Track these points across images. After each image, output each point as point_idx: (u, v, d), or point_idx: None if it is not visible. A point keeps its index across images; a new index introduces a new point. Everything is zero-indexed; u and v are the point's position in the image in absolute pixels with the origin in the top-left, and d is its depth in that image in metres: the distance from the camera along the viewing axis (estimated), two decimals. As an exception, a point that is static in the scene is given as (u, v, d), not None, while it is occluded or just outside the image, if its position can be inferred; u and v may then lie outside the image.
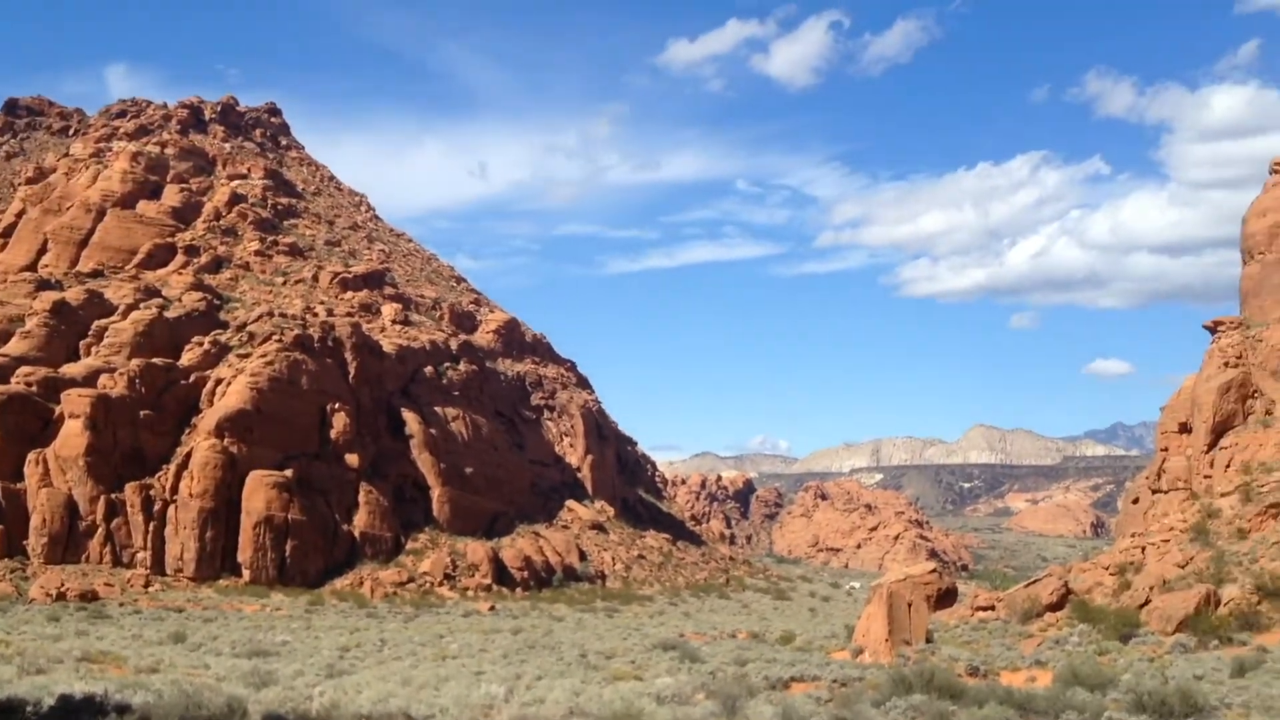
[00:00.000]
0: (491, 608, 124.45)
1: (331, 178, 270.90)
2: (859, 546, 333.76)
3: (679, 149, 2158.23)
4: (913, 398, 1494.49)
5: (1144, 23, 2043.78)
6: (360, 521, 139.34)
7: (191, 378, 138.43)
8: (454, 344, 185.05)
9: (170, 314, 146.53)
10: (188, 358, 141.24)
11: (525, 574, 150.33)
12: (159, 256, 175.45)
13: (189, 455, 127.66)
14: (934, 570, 67.95)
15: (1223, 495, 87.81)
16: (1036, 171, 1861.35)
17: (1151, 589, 73.70)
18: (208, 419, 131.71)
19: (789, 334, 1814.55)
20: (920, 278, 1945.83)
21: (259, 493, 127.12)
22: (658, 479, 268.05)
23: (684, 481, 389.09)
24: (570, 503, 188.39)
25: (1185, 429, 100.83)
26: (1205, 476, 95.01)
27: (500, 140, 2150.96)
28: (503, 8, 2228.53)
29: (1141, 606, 71.18)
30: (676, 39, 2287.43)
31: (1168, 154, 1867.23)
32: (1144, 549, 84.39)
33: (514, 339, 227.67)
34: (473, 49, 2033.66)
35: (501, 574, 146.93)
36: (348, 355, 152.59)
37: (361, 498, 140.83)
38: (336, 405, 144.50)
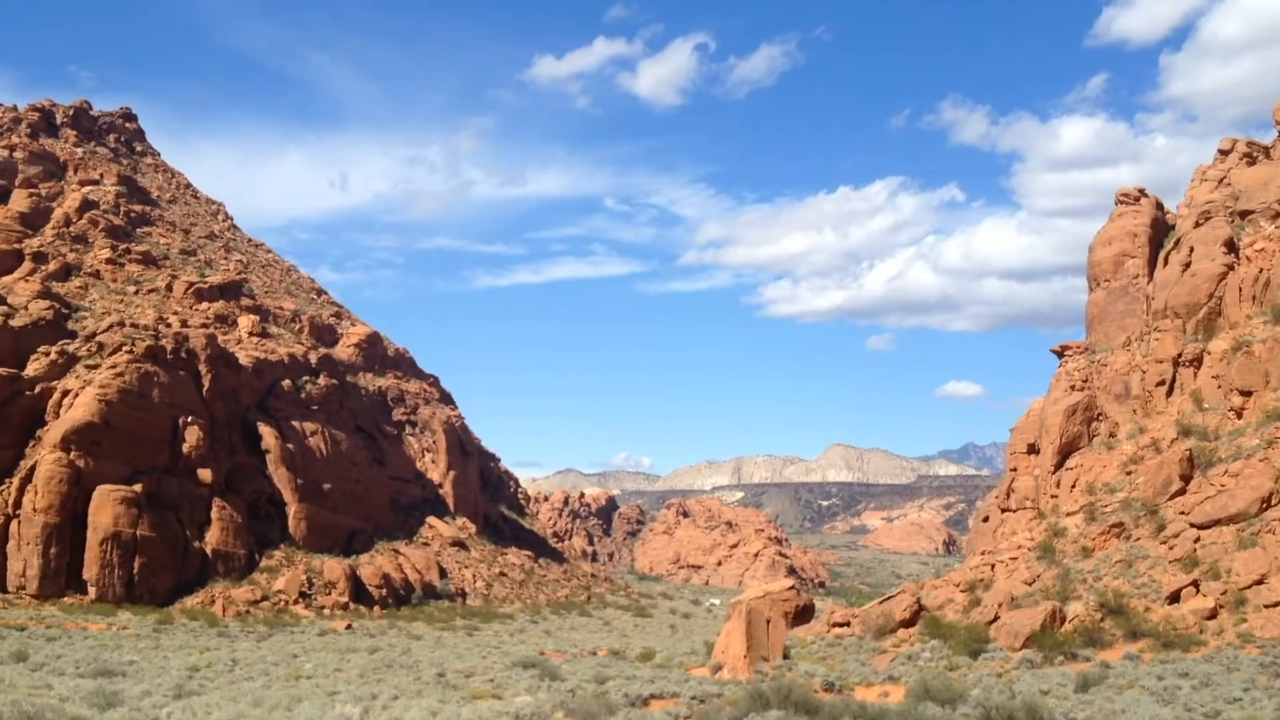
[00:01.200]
0: (348, 626, 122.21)
1: (188, 185, 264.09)
2: (720, 564, 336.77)
3: (546, 165, 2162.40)
4: (773, 416, 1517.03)
5: (997, 54, 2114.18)
6: (213, 538, 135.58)
7: (37, 389, 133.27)
8: (313, 357, 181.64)
9: (15, 323, 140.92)
10: (33, 368, 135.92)
11: (384, 592, 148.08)
12: (4, 263, 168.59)
13: (33, 469, 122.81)
14: (792, 587, 68.82)
15: (1068, 515, 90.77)
16: (894, 197, 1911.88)
17: (1000, 606, 75.74)
18: (53, 431, 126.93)
19: (654, 352, 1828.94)
20: (781, 298, 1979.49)
21: (106, 508, 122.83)
22: (520, 496, 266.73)
23: (547, 498, 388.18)
24: (431, 519, 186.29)
25: (1033, 450, 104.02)
26: (1052, 496, 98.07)
27: (364, 152, 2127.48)
28: (370, 20, 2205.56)
29: (991, 623, 73.11)
30: (544, 55, 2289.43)
31: (1019, 182, 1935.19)
32: (993, 566, 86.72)
33: (376, 353, 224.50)
34: (339, 59, 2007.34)
35: (359, 592, 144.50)
36: (202, 367, 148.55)
37: (214, 514, 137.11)
38: (189, 419, 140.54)
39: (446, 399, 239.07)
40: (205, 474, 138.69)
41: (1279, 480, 78.77)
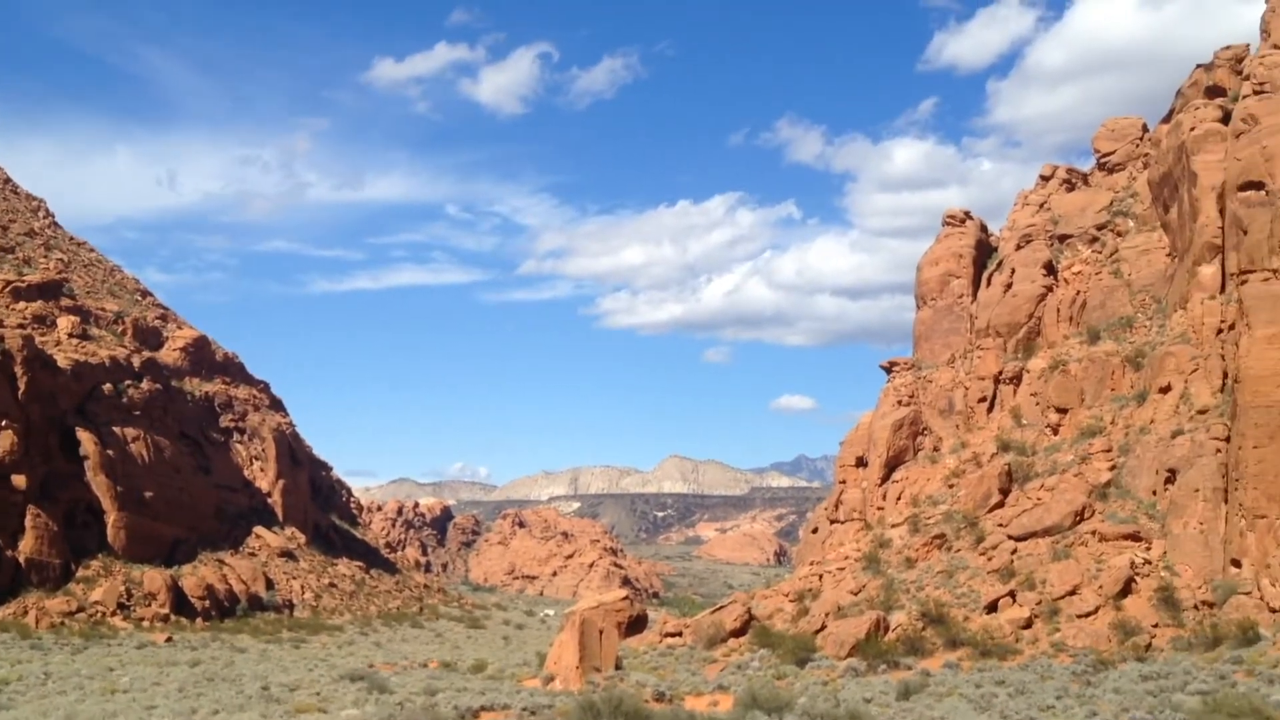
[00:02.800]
0: (169, 639, 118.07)
1: (7, 180, 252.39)
2: (555, 574, 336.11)
3: (386, 170, 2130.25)
4: (611, 427, 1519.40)
5: (832, 74, 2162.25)
6: (26, 547, 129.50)
7: None
8: (137, 361, 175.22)
9: None
10: None
11: (207, 603, 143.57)
12: None
13: None
14: (626, 597, 69.04)
15: (893, 526, 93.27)
16: (733, 212, 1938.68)
17: (827, 615, 77.34)
18: None
19: (492, 361, 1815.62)
20: (620, 309, 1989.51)
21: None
22: (353, 505, 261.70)
23: (380, 508, 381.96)
24: (259, 529, 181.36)
25: (861, 463, 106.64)
26: (878, 508, 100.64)
27: (196, 150, 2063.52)
28: (206, 16, 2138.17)
29: (818, 632, 74.58)
30: (383, 57, 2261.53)
31: (852, 202, 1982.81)
32: (821, 577, 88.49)
33: (204, 358, 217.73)
34: (172, 55, 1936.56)
35: (181, 603, 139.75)
36: (17, 369, 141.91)
37: (28, 522, 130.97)
38: (3, 423, 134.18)
39: (277, 405, 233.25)
40: (19, 480, 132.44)
41: (1091, 494, 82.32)
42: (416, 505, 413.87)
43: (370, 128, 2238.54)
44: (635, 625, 70.23)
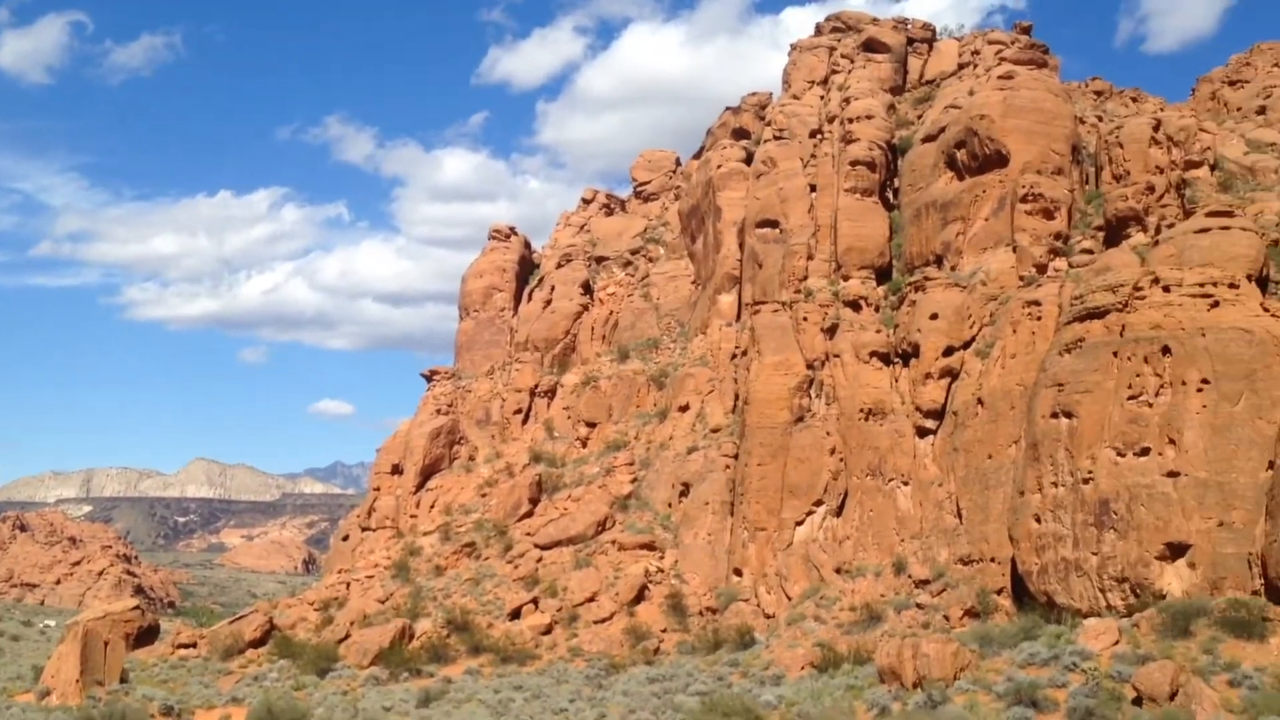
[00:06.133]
0: None
1: None
2: (59, 582, 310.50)
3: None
4: (131, 426, 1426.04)
5: (386, 77, 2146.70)
6: None
7: None
8: None
9: None
10: None
11: None
12: None
13: None
14: (136, 607, 65.01)
15: (425, 534, 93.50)
16: (277, 208, 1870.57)
17: (352, 624, 76.24)
18: None
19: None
20: (148, 301, 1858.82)
21: None
22: None
23: None
24: None
25: (398, 470, 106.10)
26: (412, 516, 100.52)
27: None
28: None
29: (342, 641, 73.31)
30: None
31: (400, 207, 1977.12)
32: (349, 585, 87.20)
33: None
34: None
35: None
36: None
37: None
38: None
39: None
40: None
41: (614, 506, 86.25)
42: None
43: None
44: (146, 636, 66.33)
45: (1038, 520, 56.38)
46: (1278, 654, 44.45)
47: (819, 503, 75.39)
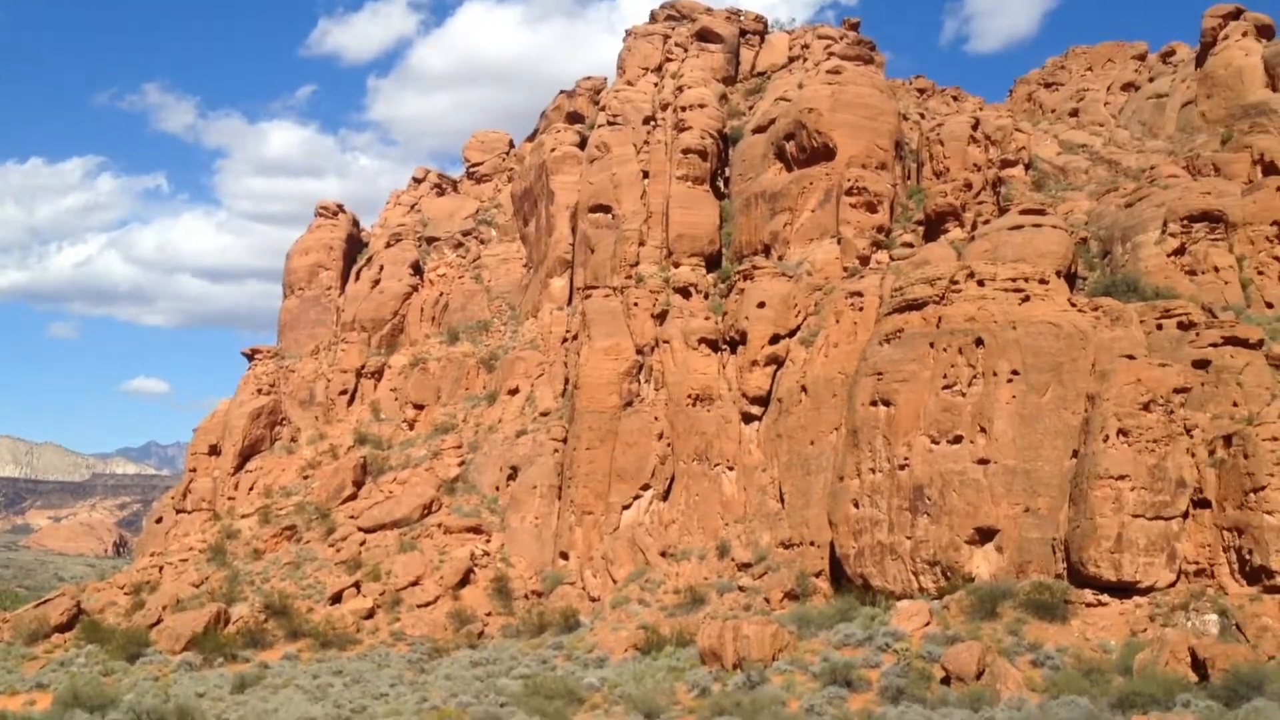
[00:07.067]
0: None
1: None
2: None
3: None
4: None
5: (209, 44, 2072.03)
6: None
7: None
8: None
9: None
10: None
11: None
12: None
13: None
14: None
15: (243, 517, 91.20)
16: (92, 177, 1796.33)
17: (165, 608, 73.96)
18: None
19: None
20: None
21: None
22: None
23: None
24: None
25: (215, 451, 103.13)
26: (230, 498, 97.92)
27: None
28: None
29: (154, 625, 71.03)
30: None
31: (222, 180, 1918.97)
32: (162, 569, 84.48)
33: None
34: None
35: None
36: None
37: None
38: None
39: None
40: None
41: (441, 489, 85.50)
42: None
43: None
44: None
45: (856, 505, 57.98)
46: (1079, 635, 46.73)
47: (646, 487, 76.07)
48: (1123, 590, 48.23)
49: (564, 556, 76.69)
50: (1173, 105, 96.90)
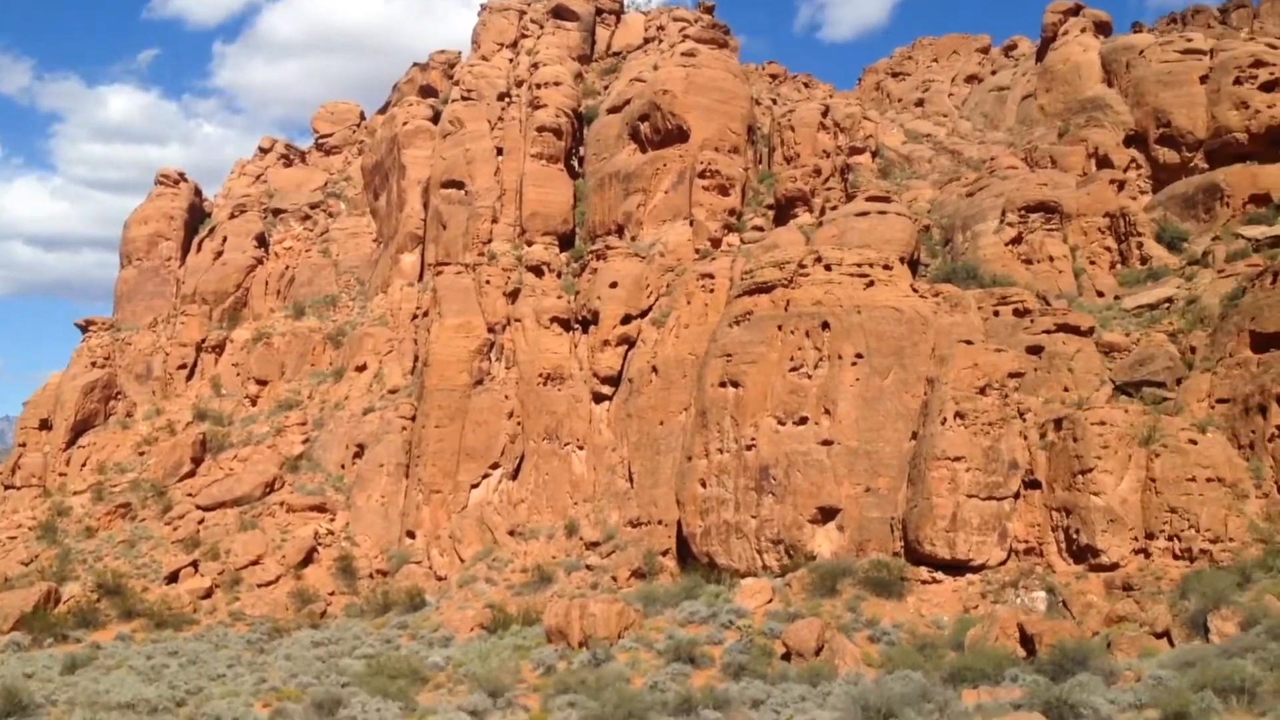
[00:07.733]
0: None
1: None
2: None
3: None
4: None
5: (45, 5, 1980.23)
6: None
7: None
8: None
9: None
10: None
11: None
12: None
13: None
14: None
15: (76, 493, 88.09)
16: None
17: (-10, 588, 71.08)
18: None
19: None
20: None
21: None
22: None
23: None
24: None
25: (46, 425, 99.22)
26: (61, 474, 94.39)
27: None
28: None
29: (-23, 607, 68.16)
30: None
31: (58, 145, 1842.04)
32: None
33: None
34: None
35: None
36: None
37: None
38: None
39: None
40: None
41: (284, 466, 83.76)
42: None
43: None
44: None
45: (703, 485, 58.62)
46: (914, 611, 48.11)
47: (495, 465, 75.74)
48: (956, 568, 49.81)
49: (411, 535, 75.90)
50: (1013, 98, 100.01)
